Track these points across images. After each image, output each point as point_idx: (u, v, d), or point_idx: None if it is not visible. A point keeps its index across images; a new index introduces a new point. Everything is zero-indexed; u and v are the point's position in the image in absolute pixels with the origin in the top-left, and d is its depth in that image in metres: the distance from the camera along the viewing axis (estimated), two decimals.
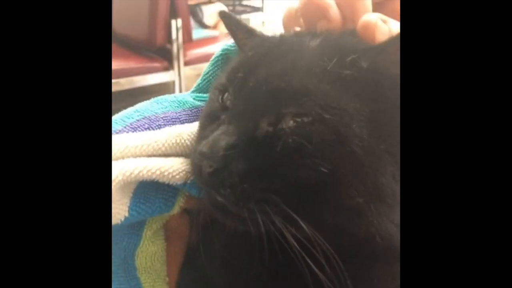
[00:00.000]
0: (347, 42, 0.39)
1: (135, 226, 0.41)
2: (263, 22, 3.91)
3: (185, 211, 0.48)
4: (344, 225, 0.36)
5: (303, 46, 0.39)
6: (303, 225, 0.34)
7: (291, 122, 0.35)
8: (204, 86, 0.54)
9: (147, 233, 0.42)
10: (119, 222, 0.38)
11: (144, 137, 0.40)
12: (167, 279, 0.44)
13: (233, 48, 0.52)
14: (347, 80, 0.36)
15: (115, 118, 0.45)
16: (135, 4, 2.55)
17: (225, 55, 0.53)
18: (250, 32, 0.46)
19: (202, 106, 0.49)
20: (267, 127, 0.36)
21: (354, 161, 0.34)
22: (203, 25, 3.18)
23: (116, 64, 2.47)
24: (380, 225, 0.36)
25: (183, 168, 0.40)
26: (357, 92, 0.36)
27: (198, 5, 3.24)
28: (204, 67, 0.54)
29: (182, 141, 0.42)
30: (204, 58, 2.66)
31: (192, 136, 0.43)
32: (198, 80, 0.55)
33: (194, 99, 0.51)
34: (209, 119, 0.41)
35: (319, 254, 0.34)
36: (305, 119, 0.35)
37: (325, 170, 0.33)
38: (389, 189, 0.35)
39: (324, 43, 0.39)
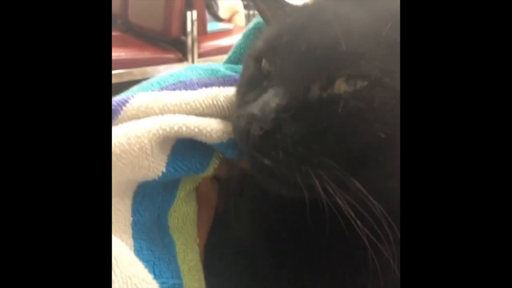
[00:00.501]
0: (390, 6, 0.38)
1: (169, 185, 0.42)
2: None
3: (215, 178, 0.49)
4: (396, 189, 0.35)
5: (345, 11, 0.39)
6: (359, 187, 0.33)
7: (344, 85, 0.35)
8: (236, 58, 0.55)
9: (181, 193, 0.43)
10: (156, 178, 0.39)
11: (182, 96, 0.41)
12: (197, 239, 0.45)
13: (263, 22, 0.53)
14: None
15: (151, 81, 0.46)
16: None
17: (257, 29, 0.54)
18: (280, 2, 0.47)
19: (233, 76, 0.50)
20: (319, 91, 0.36)
21: None
22: (217, 18, 3.18)
23: (130, 54, 2.49)
24: None
25: (220, 127, 0.41)
26: None
27: None
28: (218, 59, 0.55)
29: (219, 103, 0.43)
30: (218, 51, 2.67)
31: (228, 99, 0.44)
32: (230, 52, 0.56)
33: (226, 69, 0.52)
34: (249, 86, 0.41)
35: (371, 217, 0.34)
36: (359, 82, 0.35)
37: (383, 135, 0.33)
38: None
39: (371, 10, 0.39)
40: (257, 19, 0.56)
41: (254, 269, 0.44)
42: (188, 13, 2.53)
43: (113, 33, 2.83)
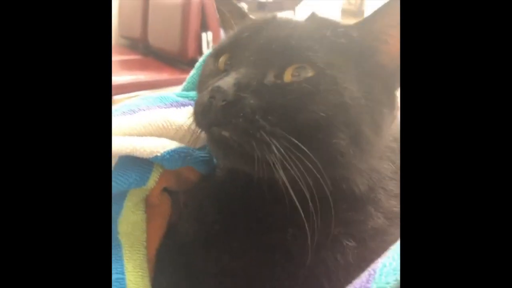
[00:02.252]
0: (330, 20, 0.49)
1: (116, 197, 0.49)
2: None
3: (166, 191, 0.55)
4: (330, 163, 0.42)
5: (296, 21, 0.49)
6: (310, 154, 0.39)
7: (293, 74, 0.43)
8: (189, 89, 0.61)
9: (128, 203, 0.50)
10: None
11: (125, 120, 0.48)
12: (145, 243, 0.51)
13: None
14: (342, 46, 0.45)
15: None
16: (168, 19, 2.69)
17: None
18: (243, 13, 0.57)
19: (181, 101, 0.57)
20: (273, 78, 0.43)
21: (344, 109, 0.42)
22: None
23: (150, 76, 2.61)
24: (356, 167, 0.44)
25: (153, 143, 0.48)
26: (348, 56, 0.45)
27: None
28: None
29: (154, 122, 0.50)
30: None
31: (164, 118, 0.51)
32: (184, 83, 0.63)
33: (177, 95, 0.58)
34: (208, 77, 0.49)
35: (306, 192, 0.40)
36: (308, 71, 0.43)
37: (323, 115, 0.41)
38: (366, 136, 0.43)
39: (312, 20, 0.49)
40: (209, 50, 0.62)
41: (190, 265, 0.49)
42: (204, 34, 2.64)
43: (134, 57, 2.99)
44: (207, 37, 2.65)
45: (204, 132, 0.46)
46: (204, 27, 2.63)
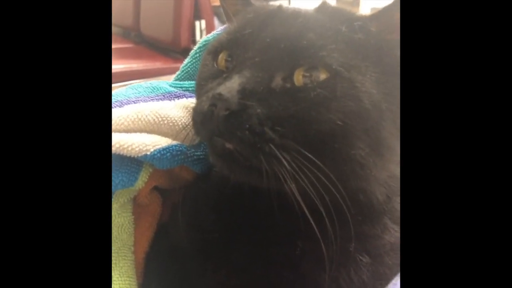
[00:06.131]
0: (344, 11, 0.42)
1: None
2: None
3: (157, 190, 0.52)
4: (347, 176, 0.38)
5: (305, 13, 0.43)
6: (325, 168, 0.35)
7: (301, 77, 0.38)
8: (183, 77, 0.58)
9: (114, 205, 0.47)
10: None
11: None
12: (132, 248, 0.48)
13: (211, 39, 0.55)
14: (359, 43, 0.40)
15: None
16: (160, 7, 2.65)
17: (203, 48, 0.57)
18: (246, 0, 0.50)
19: (174, 92, 0.53)
20: (282, 82, 0.38)
21: (364, 116, 0.37)
22: None
23: (143, 65, 2.57)
24: (375, 177, 0.39)
25: (142, 141, 0.43)
26: (367, 54, 0.40)
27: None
28: None
29: (144, 116, 0.46)
30: None
31: (155, 112, 0.46)
32: (178, 72, 0.59)
33: (170, 85, 0.55)
34: (208, 79, 0.44)
35: (320, 205, 0.36)
36: (321, 74, 0.37)
37: (340, 123, 0.36)
38: (387, 143, 0.39)
39: (323, 12, 0.43)
40: (204, 38, 0.59)
41: (184, 274, 0.47)
42: (197, 23, 2.59)
43: (126, 45, 2.93)
44: (200, 26, 2.61)
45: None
46: (197, 15, 2.59)
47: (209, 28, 2.70)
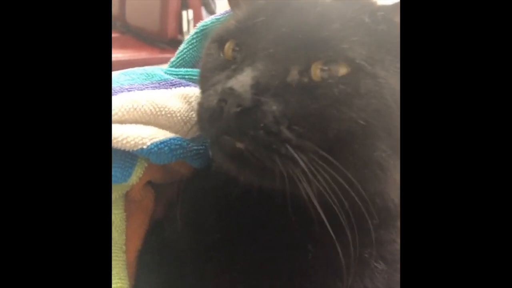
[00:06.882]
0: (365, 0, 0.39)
1: None
2: None
3: (150, 185, 0.50)
4: (367, 178, 0.35)
5: (323, 0, 0.39)
6: (344, 171, 0.33)
7: (319, 71, 0.35)
8: (178, 64, 0.54)
9: None
10: None
11: None
12: (124, 247, 0.46)
13: (210, 24, 0.53)
14: (382, 35, 0.37)
15: None
16: None
17: (201, 33, 0.54)
18: None
19: (170, 79, 0.50)
20: (298, 76, 0.35)
21: (387, 115, 0.35)
22: None
23: (129, 55, 2.53)
24: (393, 178, 0.37)
25: (138, 133, 0.40)
26: (389, 47, 0.37)
27: None
28: None
29: (139, 106, 0.42)
30: None
31: (151, 102, 0.43)
32: (173, 58, 0.56)
33: (165, 72, 0.51)
34: (214, 71, 0.40)
35: (338, 210, 0.33)
36: (340, 68, 0.34)
37: (363, 123, 0.34)
38: None
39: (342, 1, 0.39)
40: (202, 23, 0.56)
41: (180, 275, 0.44)
42: (184, 13, 2.56)
43: (112, 35, 2.88)
44: (187, 15, 2.57)
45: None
46: (184, 5, 2.54)
47: (197, 18, 2.66)
